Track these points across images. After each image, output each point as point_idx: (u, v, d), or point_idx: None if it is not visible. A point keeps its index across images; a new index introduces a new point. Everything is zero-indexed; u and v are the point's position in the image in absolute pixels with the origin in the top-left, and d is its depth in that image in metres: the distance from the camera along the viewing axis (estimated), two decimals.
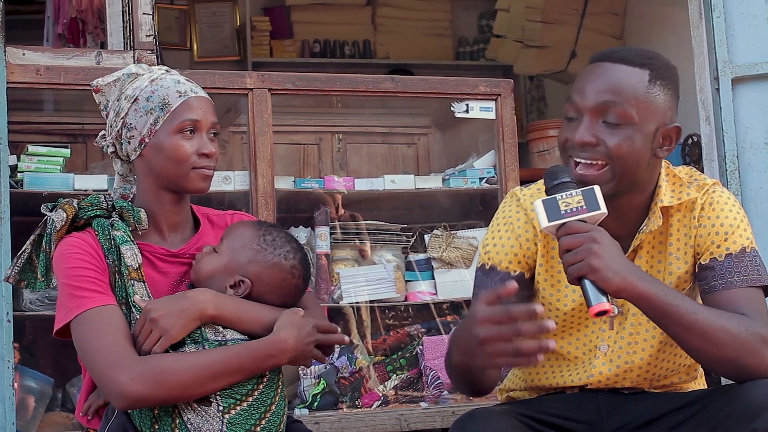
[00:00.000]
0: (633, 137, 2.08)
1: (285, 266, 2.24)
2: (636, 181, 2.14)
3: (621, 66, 2.11)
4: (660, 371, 2.27)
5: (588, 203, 1.99)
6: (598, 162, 2.09)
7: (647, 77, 2.10)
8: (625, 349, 2.24)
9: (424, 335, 4.06)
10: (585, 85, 2.12)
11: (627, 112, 2.08)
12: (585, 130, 2.09)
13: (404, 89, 4.07)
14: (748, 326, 2.02)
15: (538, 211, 2.01)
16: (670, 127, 2.14)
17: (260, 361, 2.13)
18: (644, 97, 2.09)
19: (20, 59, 3.62)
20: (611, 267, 1.94)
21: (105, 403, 2.21)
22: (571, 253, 1.95)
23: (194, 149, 2.23)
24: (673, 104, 2.15)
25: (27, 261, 2.25)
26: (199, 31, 7.09)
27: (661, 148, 2.15)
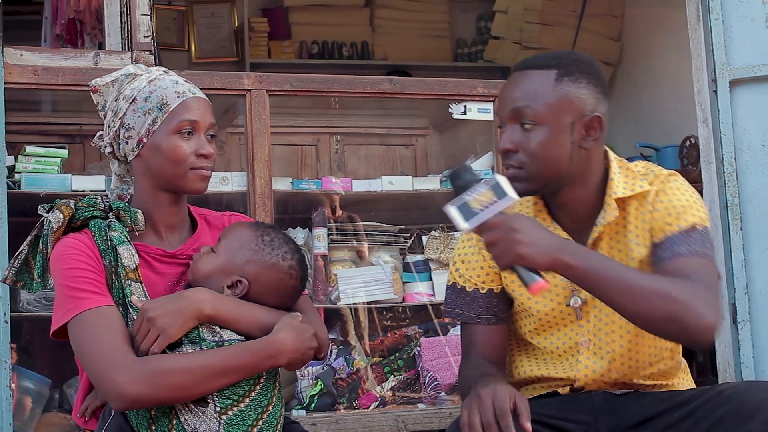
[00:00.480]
0: (549, 135, 2.17)
1: (283, 267, 2.24)
2: (565, 175, 2.21)
3: (528, 71, 2.22)
4: (643, 357, 2.29)
5: (498, 195, 2.05)
6: (518, 166, 2.20)
7: (554, 76, 2.19)
8: (604, 339, 2.27)
9: (422, 336, 4.06)
10: (502, 96, 2.26)
11: (537, 113, 2.17)
12: (506, 138, 2.21)
13: (402, 90, 4.07)
14: (686, 286, 2.06)
15: (454, 216, 2.06)
16: (589, 118, 2.20)
17: (258, 362, 2.13)
18: (551, 94, 2.18)
19: (18, 60, 3.61)
20: (535, 249, 2.00)
21: (102, 404, 2.21)
22: (495, 248, 2.02)
23: (192, 150, 2.23)
24: (590, 95, 2.20)
25: (24, 262, 2.25)
26: (197, 32, 7.09)
27: (586, 139, 2.21)
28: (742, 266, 3.90)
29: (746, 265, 3.91)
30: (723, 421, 2.00)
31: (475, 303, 2.36)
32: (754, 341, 3.88)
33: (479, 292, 2.35)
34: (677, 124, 5.75)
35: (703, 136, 4.06)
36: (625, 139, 6.38)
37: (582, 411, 2.25)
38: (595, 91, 2.22)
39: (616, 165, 2.28)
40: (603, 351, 2.27)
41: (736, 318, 3.89)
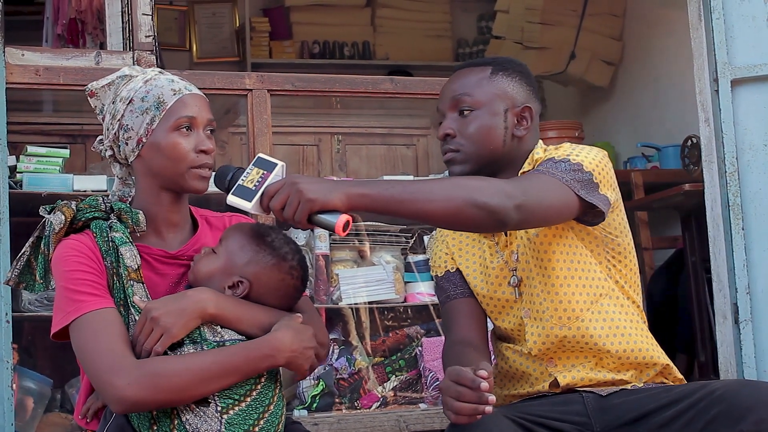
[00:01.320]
0: (484, 119, 2.36)
1: (284, 267, 2.24)
2: (498, 159, 2.37)
3: (467, 68, 2.45)
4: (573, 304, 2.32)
5: (266, 168, 2.11)
6: (455, 149, 2.37)
7: (489, 70, 2.40)
8: (536, 302, 2.35)
9: (423, 336, 4.06)
10: (443, 91, 2.45)
11: (474, 100, 2.37)
12: (445, 124, 2.40)
13: (403, 90, 4.07)
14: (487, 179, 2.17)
15: (236, 202, 2.10)
16: (520, 108, 2.39)
17: (256, 362, 2.13)
18: (487, 84, 2.38)
19: (19, 60, 3.61)
20: (324, 190, 2.04)
21: (104, 404, 2.20)
22: (287, 207, 2.04)
23: (192, 146, 2.24)
24: (521, 89, 2.40)
25: (26, 263, 2.25)
26: (198, 32, 7.10)
27: (518, 128, 2.39)
28: (744, 266, 3.89)
29: (748, 264, 3.90)
30: (716, 421, 2.02)
31: (448, 282, 2.51)
32: (756, 341, 3.87)
33: (450, 272, 2.51)
34: (679, 124, 5.75)
35: (704, 135, 4.05)
36: (627, 139, 6.39)
37: (576, 412, 2.27)
38: (527, 87, 2.42)
39: (540, 150, 2.41)
40: (539, 313, 2.35)
41: (737, 317, 3.88)
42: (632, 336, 2.34)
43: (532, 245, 2.36)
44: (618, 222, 2.38)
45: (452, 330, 2.47)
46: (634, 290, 2.42)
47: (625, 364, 2.33)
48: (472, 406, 1.97)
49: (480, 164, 2.36)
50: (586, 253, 2.35)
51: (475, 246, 2.49)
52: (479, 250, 2.47)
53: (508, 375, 2.45)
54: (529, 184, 2.18)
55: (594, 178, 2.26)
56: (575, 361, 2.34)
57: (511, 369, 2.43)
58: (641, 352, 2.34)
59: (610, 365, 2.33)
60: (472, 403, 1.97)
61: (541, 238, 2.34)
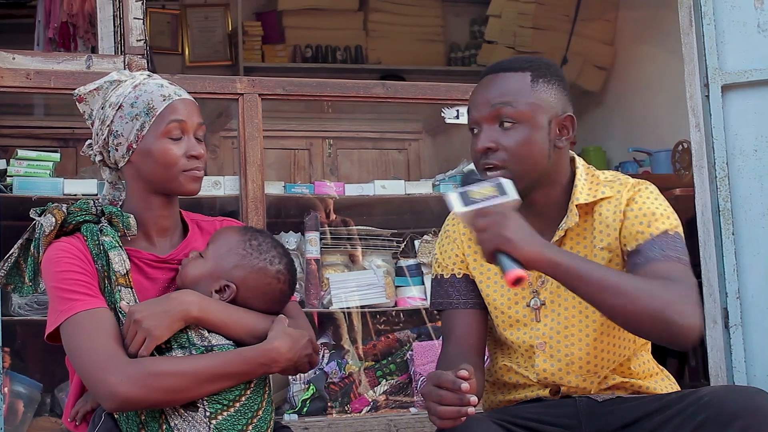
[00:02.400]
0: (529, 133, 2.24)
1: (270, 271, 2.24)
2: (543, 174, 2.27)
3: (503, 74, 2.29)
4: (603, 363, 2.30)
5: (500, 193, 2.11)
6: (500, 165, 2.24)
7: (529, 77, 2.27)
8: (563, 342, 2.29)
9: (414, 341, 4.06)
10: (477, 98, 2.30)
11: (517, 111, 2.24)
12: (484, 137, 2.25)
13: (395, 95, 4.06)
14: (667, 284, 2.09)
15: (451, 199, 2.11)
16: (562, 117, 2.28)
17: (252, 369, 2.13)
18: (530, 94, 2.25)
19: (10, 63, 3.61)
20: (522, 237, 2.03)
21: (92, 408, 2.20)
22: (484, 233, 2.05)
23: (183, 152, 2.23)
24: (561, 97, 2.30)
25: (14, 265, 2.25)
26: (190, 36, 7.09)
27: (560, 139, 2.29)
28: (734, 271, 3.91)
29: (738, 269, 3.91)
30: (703, 427, 2.02)
31: (453, 288, 2.42)
32: (746, 345, 3.88)
33: (456, 277, 2.42)
34: (670, 129, 5.76)
35: (695, 140, 4.07)
36: (618, 144, 6.39)
37: (566, 415, 2.27)
38: (564, 93, 2.31)
39: (583, 171, 2.34)
40: (561, 354, 2.29)
41: (728, 322, 3.89)
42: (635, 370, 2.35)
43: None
44: None
45: (450, 341, 2.41)
46: None
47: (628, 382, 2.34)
48: (454, 409, 1.95)
49: (526, 182, 2.24)
50: None
51: None
52: None
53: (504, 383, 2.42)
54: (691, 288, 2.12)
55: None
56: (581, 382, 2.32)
57: (509, 382, 2.40)
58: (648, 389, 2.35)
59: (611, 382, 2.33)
60: (454, 405, 1.94)
61: None
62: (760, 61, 4.00)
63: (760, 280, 3.92)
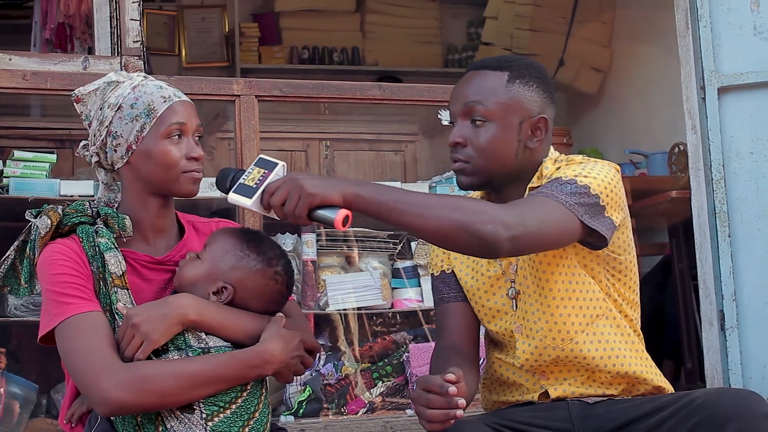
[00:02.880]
0: (497, 132, 2.27)
1: (268, 272, 2.24)
2: (509, 172, 2.29)
3: (482, 71, 2.32)
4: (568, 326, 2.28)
5: (267, 168, 2.12)
6: (465, 160, 2.29)
7: (506, 77, 2.29)
8: (531, 320, 2.31)
9: (411, 342, 4.06)
10: (454, 93, 2.35)
11: (488, 110, 2.26)
12: (456, 131, 2.31)
13: (391, 96, 4.06)
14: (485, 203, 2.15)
15: (237, 199, 2.12)
16: (536, 119, 2.29)
17: (245, 371, 2.12)
18: (504, 94, 2.27)
19: (7, 64, 3.61)
20: (323, 186, 2.04)
21: (88, 410, 2.20)
22: (287, 202, 2.05)
23: (182, 153, 2.24)
24: (538, 98, 2.30)
25: (10, 267, 2.25)
26: (187, 37, 7.09)
27: (532, 140, 2.30)
28: (730, 273, 3.91)
29: (734, 271, 3.92)
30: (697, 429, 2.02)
31: (444, 284, 2.47)
32: (742, 348, 3.88)
33: (445, 273, 2.47)
34: (666, 131, 5.76)
35: (691, 143, 4.07)
36: (614, 146, 6.40)
37: (559, 419, 2.26)
38: (544, 95, 2.31)
39: (550, 162, 2.33)
40: (533, 332, 2.31)
41: (724, 324, 3.90)
42: (627, 358, 2.32)
43: (531, 261, 2.30)
44: (623, 240, 2.32)
45: (443, 334, 2.45)
46: (632, 308, 2.37)
47: (617, 379, 2.32)
48: (443, 413, 1.96)
49: (489, 177, 2.30)
50: (584, 273, 2.29)
51: None
52: None
53: (499, 381, 2.43)
54: (530, 212, 2.10)
55: (600, 201, 2.18)
56: (567, 375, 2.32)
57: (501, 377, 2.41)
58: (635, 374, 2.32)
59: (601, 380, 2.31)
60: (443, 409, 1.96)
61: (541, 257, 2.28)
62: (756, 64, 4.01)
63: (756, 283, 3.92)
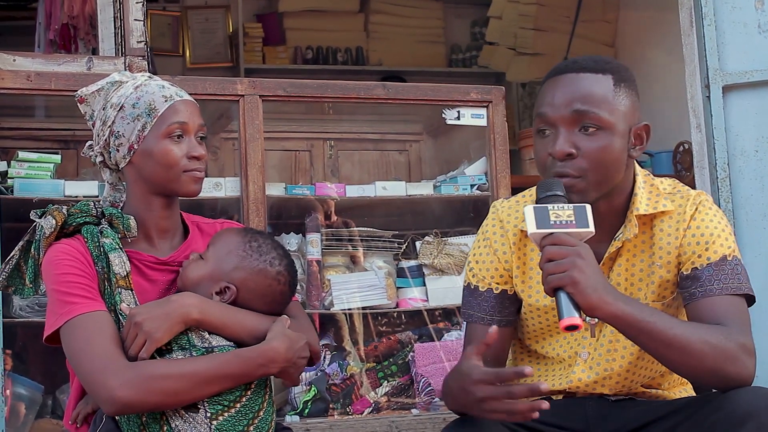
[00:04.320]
0: (611, 141, 2.11)
1: (271, 272, 2.24)
2: (615, 184, 2.17)
3: (585, 74, 2.14)
4: (637, 378, 2.28)
5: (578, 219, 2.00)
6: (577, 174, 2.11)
7: (612, 81, 2.14)
8: (604, 356, 2.25)
9: (416, 342, 4.06)
10: (555, 97, 2.14)
11: (601, 117, 2.10)
12: (564, 141, 2.11)
13: (396, 96, 4.06)
14: (727, 335, 2.04)
15: (528, 216, 2.01)
16: (639, 126, 2.18)
17: (250, 370, 2.12)
18: (613, 100, 2.12)
19: (11, 65, 3.61)
20: (591, 283, 1.94)
21: (93, 410, 2.20)
22: (553, 263, 1.95)
23: (184, 153, 2.24)
24: (638, 104, 2.18)
25: (15, 267, 2.25)
26: (191, 38, 7.10)
27: (634, 148, 2.18)
28: None
29: None
30: (716, 427, 1.99)
31: (488, 303, 2.33)
32: None
33: (492, 292, 2.33)
34: (671, 130, 5.76)
35: (696, 141, 4.07)
36: None
37: (575, 418, 2.25)
38: (638, 100, 2.20)
39: (641, 179, 2.24)
40: (600, 367, 2.26)
41: None
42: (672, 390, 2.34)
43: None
44: None
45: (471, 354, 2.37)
46: None
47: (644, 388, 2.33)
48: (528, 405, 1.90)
49: (601, 192, 2.14)
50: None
51: None
52: None
53: None
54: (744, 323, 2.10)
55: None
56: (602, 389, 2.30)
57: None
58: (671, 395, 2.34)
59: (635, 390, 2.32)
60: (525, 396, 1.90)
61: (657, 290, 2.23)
62: (760, 62, 4.01)
63: (762, 281, 3.90)
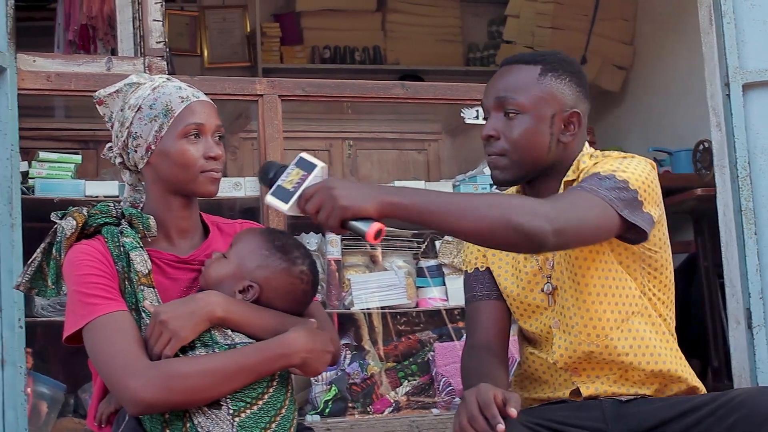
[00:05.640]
0: (530, 124, 2.27)
1: (293, 271, 2.24)
2: (545, 166, 2.30)
3: (515, 65, 2.33)
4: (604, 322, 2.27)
5: (306, 169, 2.08)
6: (500, 153, 2.29)
7: (538, 71, 2.29)
8: (567, 315, 2.30)
9: (436, 341, 4.06)
10: (487, 87, 2.36)
11: (519, 102, 2.27)
12: (489, 125, 2.32)
13: (414, 95, 4.06)
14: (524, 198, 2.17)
15: (274, 203, 2.09)
16: (568, 113, 2.30)
17: (270, 361, 2.13)
18: (535, 86, 2.28)
19: (31, 66, 3.63)
20: (357, 197, 2.01)
21: (116, 409, 2.21)
22: (321, 211, 2.03)
23: (200, 153, 2.24)
24: (571, 93, 2.30)
25: (37, 269, 2.26)
26: (209, 38, 7.12)
27: (564, 133, 2.30)
28: (757, 271, 3.88)
29: (761, 269, 3.89)
30: (735, 428, 1.99)
31: (477, 282, 2.46)
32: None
33: (479, 270, 2.46)
34: (690, 128, 5.74)
35: (716, 140, 4.05)
36: (638, 143, 6.38)
37: (592, 417, 2.24)
38: (577, 89, 2.32)
39: (586, 157, 2.33)
40: (569, 326, 2.30)
41: (750, 323, 3.87)
42: (661, 356, 2.31)
43: (567, 257, 2.30)
44: (659, 237, 2.31)
45: (474, 332, 2.43)
46: (667, 306, 2.37)
47: (650, 378, 2.31)
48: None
49: (524, 170, 2.29)
50: (620, 269, 2.28)
51: None
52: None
53: (531, 378, 2.42)
54: (570, 205, 2.10)
55: (639, 196, 2.18)
56: (600, 373, 2.30)
57: (535, 374, 2.40)
58: (669, 372, 2.31)
59: (634, 379, 2.30)
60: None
61: (577, 252, 2.27)
62: None
63: None
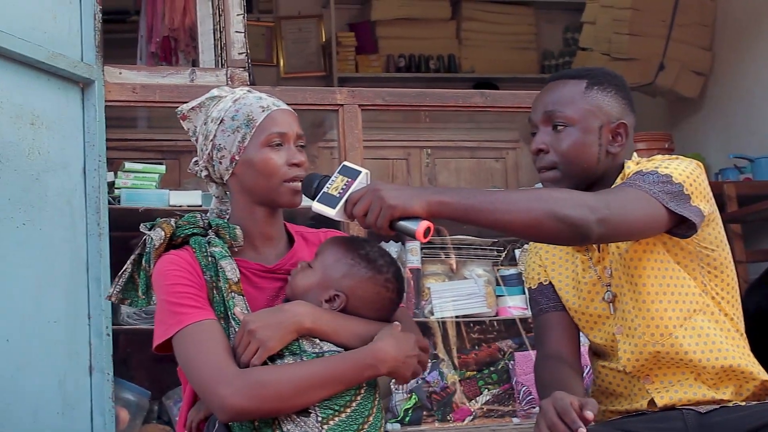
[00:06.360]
0: (579, 136, 2.32)
1: (379, 280, 2.25)
2: (593, 176, 2.35)
3: (561, 81, 2.40)
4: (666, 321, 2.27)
5: (350, 176, 2.12)
6: (550, 166, 2.34)
7: (584, 84, 2.36)
8: (628, 318, 2.31)
9: (515, 350, 4.04)
10: (535, 102, 2.42)
11: (567, 115, 2.33)
12: (538, 139, 2.37)
13: (493, 104, 4.06)
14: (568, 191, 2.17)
15: (321, 209, 2.12)
16: (615, 124, 2.34)
17: (359, 371, 2.14)
18: (582, 99, 2.34)
19: (117, 78, 3.69)
20: (404, 198, 2.05)
21: (205, 416, 2.24)
22: (369, 213, 2.05)
23: (283, 161, 2.27)
24: (617, 105, 2.36)
25: (128, 279, 2.31)
26: (285, 48, 7.18)
27: (613, 145, 2.35)
28: None
29: None
30: None
31: (542, 296, 2.49)
32: None
33: (542, 285, 2.50)
34: None
35: None
36: (718, 150, 6.29)
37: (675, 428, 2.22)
38: (622, 102, 2.38)
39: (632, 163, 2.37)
40: (631, 330, 2.31)
41: None
42: (729, 351, 2.28)
43: (622, 260, 2.31)
44: (714, 236, 2.32)
45: (544, 344, 2.45)
46: (732, 305, 2.35)
47: (723, 379, 2.28)
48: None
49: (574, 182, 2.32)
50: (678, 268, 2.29)
51: (568, 260, 2.45)
52: (572, 264, 2.44)
53: (606, 392, 2.41)
54: (614, 197, 2.15)
55: (684, 190, 2.20)
56: (672, 378, 2.29)
57: (609, 387, 2.40)
58: (739, 368, 2.29)
59: (708, 381, 2.27)
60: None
61: (631, 253, 2.29)
62: None
63: None
